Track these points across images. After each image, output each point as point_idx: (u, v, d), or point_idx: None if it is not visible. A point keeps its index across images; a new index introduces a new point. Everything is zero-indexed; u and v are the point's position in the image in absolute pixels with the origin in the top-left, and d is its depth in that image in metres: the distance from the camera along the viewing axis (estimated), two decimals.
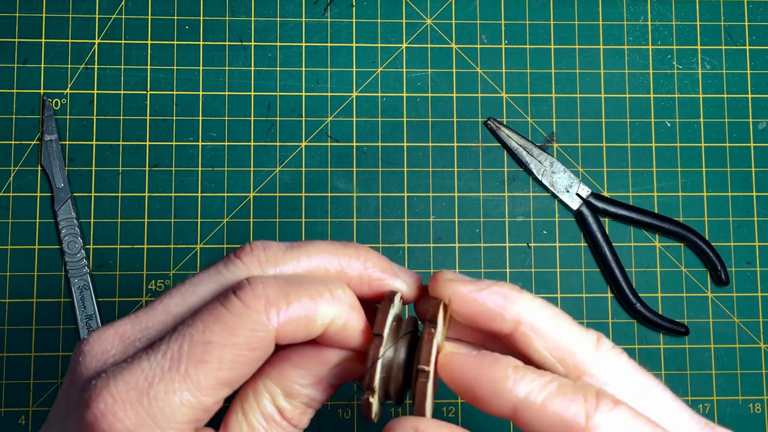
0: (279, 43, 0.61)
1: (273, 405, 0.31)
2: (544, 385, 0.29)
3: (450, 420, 0.57)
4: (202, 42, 0.60)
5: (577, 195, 0.60)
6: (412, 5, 0.62)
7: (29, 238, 0.58)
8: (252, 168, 0.60)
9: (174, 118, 0.60)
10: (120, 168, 0.59)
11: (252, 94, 0.60)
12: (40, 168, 0.59)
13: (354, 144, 0.60)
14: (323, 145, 0.60)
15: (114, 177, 0.59)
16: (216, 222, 0.59)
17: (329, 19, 0.61)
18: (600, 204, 0.60)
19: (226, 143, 0.60)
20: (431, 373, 0.29)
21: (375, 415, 0.30)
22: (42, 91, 0.60)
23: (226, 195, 0.59)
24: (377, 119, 0.60)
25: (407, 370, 0.31)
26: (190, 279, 0.31)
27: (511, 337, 0.32)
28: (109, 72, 0.60)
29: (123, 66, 0.60)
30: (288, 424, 0.32)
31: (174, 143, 0.60)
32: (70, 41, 0.60)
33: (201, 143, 0.60)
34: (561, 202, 0.60)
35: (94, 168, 0.59)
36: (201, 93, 0.60)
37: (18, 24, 0.60)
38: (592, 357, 0.31)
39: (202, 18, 0.61)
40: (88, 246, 0.58)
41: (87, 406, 0.27)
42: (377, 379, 0.30)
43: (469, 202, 0.60)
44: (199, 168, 0.59)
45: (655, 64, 0.62)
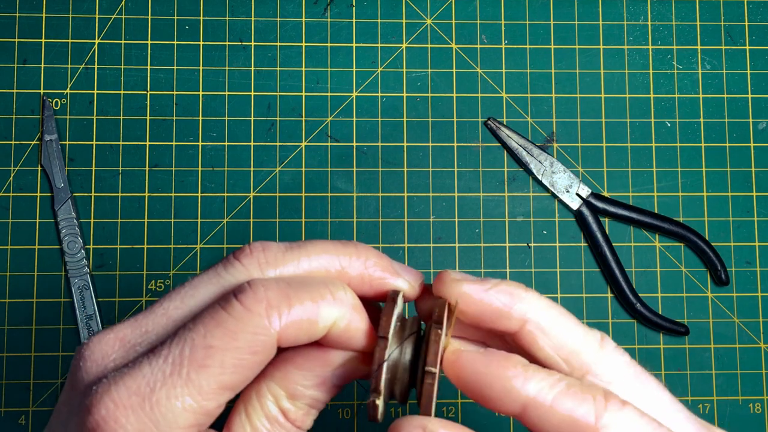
0: (279, 43, 0.61)
1: (276, 407, 0.31)
2: (553, 384, 0.29)
3: (450, 420, 0.57)
4: (202, 42, 0.60)
5: (577, 195, 0.60)
6: (412, 5, 0.62)
7: (29, 238, 0.58)
8: (252, 168, 0.60)
9: (174, 118, 0.60)
10: (120, 168, 0.59)
11: (252, 94, 0.60)
12: (40, 168, 0.59)
13: (354, 144, 0.60)
14: (323, 145, 0.60)
15: (114, 177, 0.59)
16: (216, 222, 0.59)
17: (329, 19, 0.61)
18: (600, 204, 0.60)
19: (226, 143, 0.60)
20: (437, 375, 0.30)
21: (380, 416, 0.30)
22: (42, 91, 0.59)
23: (226, 195, 0.59)
24: (377, 119, 0.60)
25: (413, 370, 0.31)
26: (189, 282, 0.31)
27: (516, 336, 0.32)
28: (109, 72, 0.60)
29: (123, 66, 0.60)
30: (292, 425, 0.32)
31: (174, 143, 0.59)
32: (70, 41, 0.60)
33: (201, 143, 0.60)
34: (561, 202, 0.60)
35: (94, 168, 0.59)
36: (201, 93, 0.60)
37: (18, 24, 0.60)
38: (595, 356, 0.31)
39: (202, 18, 0.61)
40: (88, 246, 0.58)
41: (88, 411, 0.27)
42: (383, 381, 0.30)
43: (469, 202, 0.60)
44: (199, 168, 0.59)
45: (655, 64, 0.62)
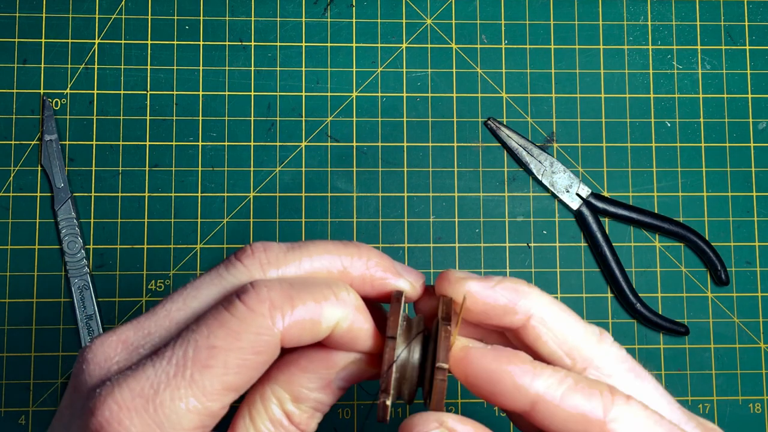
0: (279, 43, 0.61)
1: (281, 410, 0.31)
2: (561, 380, 0.29)
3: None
4: (202, 42, 0.60)
5: (577, 195, 0.60)
6: (412, 5, 0.61)
7: (29, 238, 0.58)
8: (252, 168, 0.60)
9: (174, 118, 0.60)
10: (120, 168, 0.59)
11: (252, 94, 0.60)
12: (40, 168, 0.59)
13: (354, 144, 0.60)
14: (323, 145, 0.60)
15: (114, 177, 0.59)
16: (216, 222, 0.59)
17: (329, 19, 0.61)
18: (600, 204, 0.60)
19: (226, 143, 0.60)
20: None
21: (389, 417, 0.30)
22: (42, 91, 0.59)
23: (226, 195, 0.59)
24: (377, 119, 0.60)
25: (421, 370, 0.31)
26: (191, 283, 0.31)
27: (520, 331, 0.32)
28: (109, 72, 0.60)
29: (123, 66, 0.60)
30: (296, 428, 0.32)
31: (174, 143, 0.59)
32: (70, 41, 0.60)
33: (201, 143, 0.60)
34: (561, 202, 0.60)
35: (94, 168, 0.59)
36: (201, 93, 0.60)
37: (18, 24, 0.60)
38: (595, 351, 0.32)
39: (202, 18, 0.61)
40: (88, 246, 0.58)
41: (92, 414, 0.27)
42: (393, 381, 0.30)
43: (469, 202, 0.60)
44: (199, 168, 0.59)
45: (655, 64, 0.62)
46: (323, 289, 0.30)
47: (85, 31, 0.60)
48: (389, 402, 0.30)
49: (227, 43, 0.60)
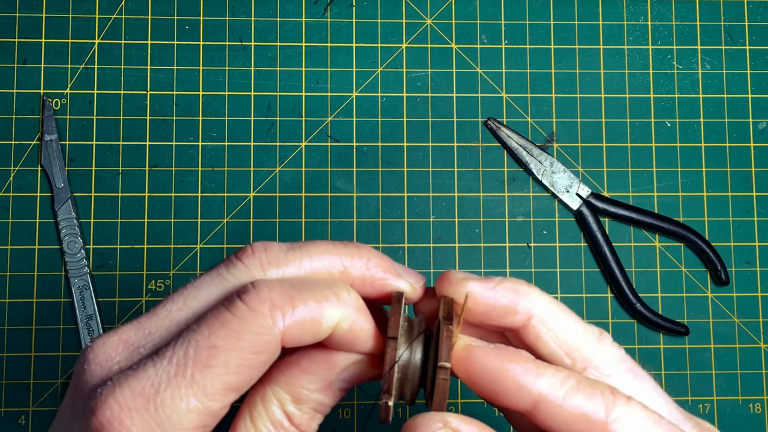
0: (279, 43, 0.61)
1: (281, 411, 0.31)
2: (563, 380, 0.29)
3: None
4: (202, 42, 0.60)
5: (577, 195, 0.60)
6: (412, 5, 0.62)
7: (29, 238, 0.58)
8: (252, 168, 0.60)
9: (174, 118, 0.60)
10: (120, 168, 0.59)
11: (252, 94, 0.60)
12: (40, 168, 0.59)
13: (354, 144, 0.60)
14: (323, 145, 0.60)
15: (114, 177, 0.59)
16: (216, 222, 0.59)
17: (329, 19, 0.61)
18: (600, 204, 0.60)
19: (226, 143, 0.60)
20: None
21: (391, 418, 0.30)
22: (42, 91, 0.59)
23: (226, 195, 0.59)
24: (377, 119, 0.60)
25: (423, 370, 0.31)
26: (191, 283, 0.31)
27: (520, 332, 0.32)
28: (109, 72, 0.60)
29: (123, 66, 0.60)
30: (297, 429, 0.32)
31: (174, 143, 0.59)
32: (70, 41, 0.60)
33: (201, 143, 0.60)
34: (561, 202, 0.60)
35: (94, 168, 0.59)
36: (201, 93, 0.60)
37: (18, 24, 0.60)
38: (595, 351, 0.32)
39: (202, 18, 0.61)
40: (88, 246, 0.58)
41: (93, 413, 0.27)
42: (395, 382, 0.30)
43: (469, 202, 0.60)
44: (199, 168, 0.59)
45: (655, 64, 0.62)
46: (324, 289, 0.30)
47: (85, 31, 0.60)
48: (391, 403, 0.30)
49: (227, 43, 0.60)
